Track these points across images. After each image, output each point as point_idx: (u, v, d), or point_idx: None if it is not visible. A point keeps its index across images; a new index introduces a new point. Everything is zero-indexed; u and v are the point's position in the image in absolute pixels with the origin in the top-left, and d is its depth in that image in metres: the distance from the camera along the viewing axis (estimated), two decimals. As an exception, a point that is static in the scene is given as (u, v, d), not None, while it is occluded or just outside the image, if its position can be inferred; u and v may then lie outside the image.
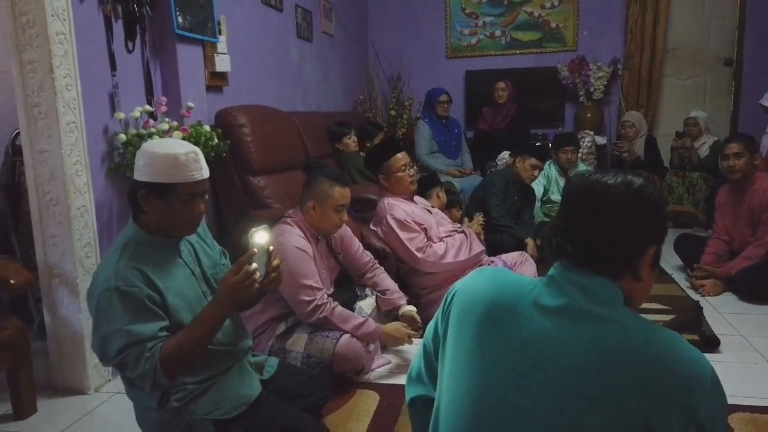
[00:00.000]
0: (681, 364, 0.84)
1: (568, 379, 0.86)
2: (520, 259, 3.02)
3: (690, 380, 0.82)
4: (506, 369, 0.91)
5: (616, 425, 0.82)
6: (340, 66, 5.04)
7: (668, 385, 0.82)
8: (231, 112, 2.88)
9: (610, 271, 0.92)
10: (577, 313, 0.90)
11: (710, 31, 5.41)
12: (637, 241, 0.92)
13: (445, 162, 4.76)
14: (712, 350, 2.43)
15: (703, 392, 0.82)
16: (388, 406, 2.02)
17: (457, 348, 0.99)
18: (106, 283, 1.35)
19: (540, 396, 0.87)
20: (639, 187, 0.92)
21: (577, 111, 5.50)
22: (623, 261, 0.92)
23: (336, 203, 2.18)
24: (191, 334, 1.39)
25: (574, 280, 0.92)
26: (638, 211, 0.91)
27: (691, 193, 4.42)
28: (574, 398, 0.85)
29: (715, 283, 3.14)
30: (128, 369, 1.35)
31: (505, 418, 0.89)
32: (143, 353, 1.33)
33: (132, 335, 1.33)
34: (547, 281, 0.95)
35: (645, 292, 0.97)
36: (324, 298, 2.13)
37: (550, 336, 0.89)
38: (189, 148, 1.43)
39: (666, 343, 0.86)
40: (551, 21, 5.57)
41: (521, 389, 0.89)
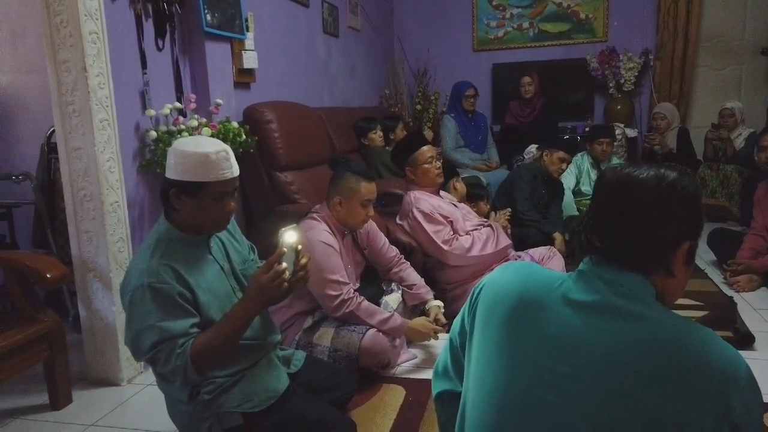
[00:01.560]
0: (715, 362, 0.82)
1: (595, 373, 0.85)
2: (548, 254, 2.99)
3: (724, 378, 0.81)
4: (532, 364, 0.90)
5: (644, 421, 0.81)
6: (366, 61, 5.04)
7: (702, 382, 0.81)
8: (258, 109, 2.91)
9: (641, 267, 0.90)
10: (607, 308, 0.88)
11: (746, 20, 5.24)
12: (671, 236, 0.89)
13: (471, 156, 4.73)
14: (747, 347, 2.37)
15: (737, 391, 0.80)
16: (414, 400, 2.02)
17: (484, 343, 0.99)
18: (139, 280, 1.38)
19: (566, 390, 0.86)
20: (673, 180, 0.90)
21: (606, 103, 5.39)
22: (655, 257, 0.89)
23: (362, 198, 2.19)
24: (221, 331, 1.41)
25: (604, 276, 0.90)
26: (671, 205, 0.89)
27: (725, 186, 4.30)
28: (600, 393, 0.84)
29: (750, 279, 3.06)
30: (159, 364, 1.37)
31: (531, 413, 0.89)
32: (174, 349, 1.35)
33: (164, 332, 1.35)
34: (577, 276, 0.94)
35: (679, 288, 0.95)
36: (350, 292, 2.14)
37: (578, 331, 0.88)
38: (219, 147, 1.44)
39: (700, 340, 0.85)
40: (580, 12, 5.47)
41: (547, 384, 0.88)
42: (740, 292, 3.01)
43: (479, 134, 4.84)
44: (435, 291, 2.64)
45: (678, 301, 2.88)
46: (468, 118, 4.80)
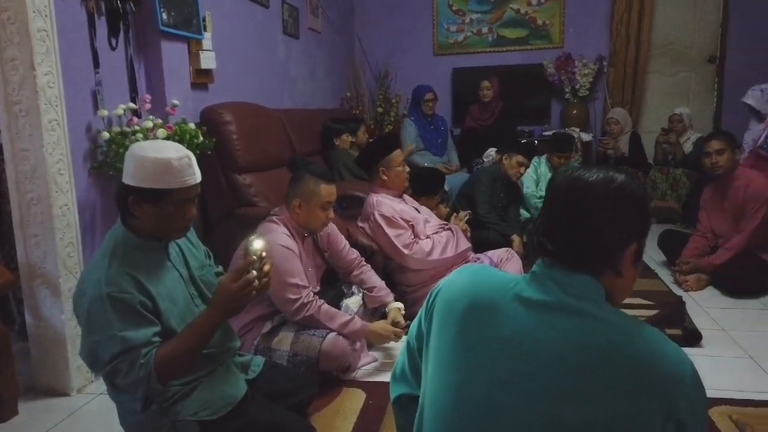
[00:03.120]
0: (662, 362, 0.85)
1: (549, 374, 0.86)
2: (506, 255, 3.04)
3: (671, 377, 0.83)
4: (489, 365, 0.92)
5: (596, 421, 0.83)
6: (327, 63, 5.02)
7: (649, 382, 0.83)
8: (216, 110, 2.86)
9: (591, 268, 0.92)
10: (560, 308, 0.90)
11: (694, 29, 5.47)
12: (619, 237, 0.92)
13: (431, 159, 4.77)
14: (695, 344, 2.46)
15: (683, 390, 0.83)
16: (374, 404, 2.02)
17: (440, 346, 0.99)
18: (97, 290, 1.32)
19: (521, 392, 0.88)
20: (621, 183, 0.92)
21: (563, 108, 5.53)
22: (605, 258, 0.92)
23: (322, 201, 2.18)
24: (186, 340, 1.38)
25: (555, 278, 0.92)
26: (619, 208, 0.91)
27: (675, 189, 4.47)
28: (554, 393, 0.85)
29: (698, 278, 3.18)
30: (120, 375, 1.32)
31: (487, 415, 0.90)
32: (137, 360, 1.31)
33: (126, 342, 1.30)
34: (530, 278, 0.96)
35: (627, 288, 0.97)
36: (310, 296, 2.13)
37: (531, 331, 0.90)
38: (182, 153, 1.40)
39: (647, 340, 0.87)
40: (537, 18, 5.60)
41: (503, 386, 0.89)
42: (689, 291, 3.13)
43: (439, 137, 4.89)
44: (395, 293, 2.65)
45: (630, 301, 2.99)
46: (428, 121, 4.85)
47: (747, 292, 3.03)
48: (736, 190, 3.11)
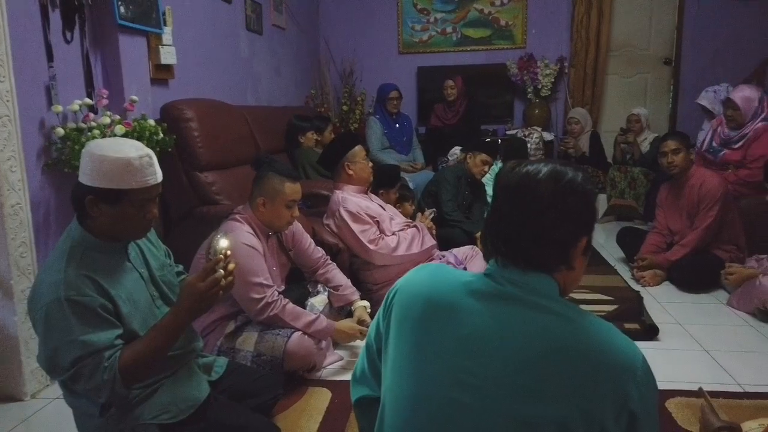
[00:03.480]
0: (614, 354, 0.86)
1: (507, 372, 0.87)
2: (471, 253, 3.07)
3: (623, 370, 0.85)
4: (447, 366, 0.91)
5: (553, 416, 0.84)
6: (292, 60, 4.98)
7: (602, 374, 0.84)
8: (177, 106, 2.80)
9: (545, 266, 0.93)
10: (514, 302, 0.91)
11: (651, 31, 5.63)
12: (570, 233, 0.93)
13: (396, 157, 4.78)
14: (652, 338, 2.54)
15: (634, 381, 0.85)
16: (339, 403, 2.01)
17: (399, 347, 0.99)
18: (55, 293, 1.27)
19: (480, 390, 0.88)
20: (569, 179, 0.92)
21: (525, 107, 5.61)
22: (558, 255, 0.93)
23: (287, 199, 2.15)
24: (151, 342, 1.34)
25: (510, 278, 0.93)
26: (569, 204, 0.92)
27: (633, 187, 4.59)
28: (513, 391, 0.86)
29: (654, 274, 3.27)
30: (83, 380, 1.28)
31: (448, 415, 0.90)
32: (100, 363, 1.27)
33: (87, 346, 1.26)
34: (486, 277, 0.96)
35: (577, 279, 0.99)
36: (274, 295, 2.11)
37: (489, 330, 0.90)
38: (143, 151, 1.35)
39: (600, 334, 0.89)
40: (501, 18, 5.67)
41: (462, 385, 0.89)
42: (646, 287, 3.22)
43: (404, 135, 4.91)
44: (361, 292, 2.65)
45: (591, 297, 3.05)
46: (393, 119, 4.86)
47: (701, 287, 3.13)
48: (691, 188, 3.21)
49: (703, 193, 3.14)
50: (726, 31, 5.33)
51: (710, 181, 3.15)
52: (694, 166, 3.26)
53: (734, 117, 3.50)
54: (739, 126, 3.50)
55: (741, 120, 3.48)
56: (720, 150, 3.64)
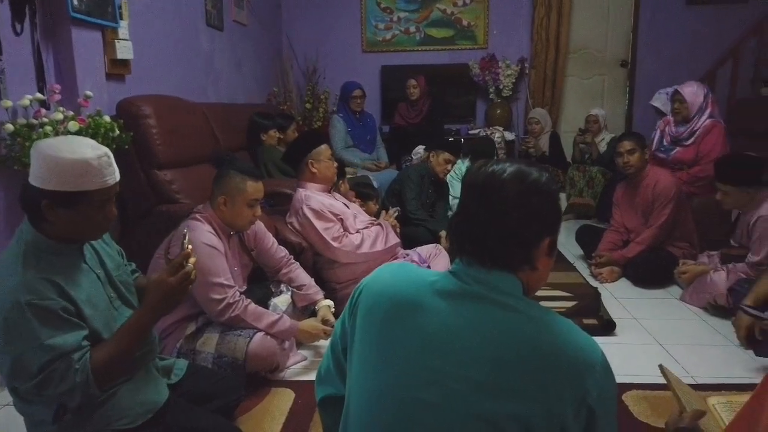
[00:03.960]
0: (575, 351, 0.88)
1: (470, 369, 0.88)
2: (435, 251, 3.09)
3: (582, 366, 0.87)
4: (412, 364, 0.92)
5: (515, 413, 0.85)
6: (253, 57, 4.91)
7: (563, 371, 0.86)
8: (134, 102, 2.72)
9: (508, 265, 0.94)
10: (479, 300, 0.92)
11: (608, 35, 5.77)
12: (533, 233, 0.94)
13: (360, 156, 4.78)
14: (609, 333, 2.61)
15: (593, 377, 0.86)
16: (303, 403, 2.00)
17: (364, 345, 0.99)
18: (14, 298, 1.21)
19: (444, 388, 0.88)
20: (533, 180, 0.94)
21: (487, 107, 5.68)
22: (521, 255, 0.94)
23: (248, 198, 2.12)
24: (122, 341, 1.31)
25: (475, 276, 0.94)
26: (533, 204, 0.93)
27: (591, 186, 4.70)
28: (475, 388, 0.87)
29: (611, 270, 3.36)
30: (52, 385, 1.23)
31: (412, 413, 0.90)
32: (71, 366, 1.23)
33: (55, 350, 1.22)
34: (451, 275, 0.97)
35: (542, 279, 1.00)
36: (236, 296, 2.07)
37: (454, 328, 0.91)
38: (100, 150, 1.30)
39: (561, 331, 0.91)
40: (463, 19, 5.72)
41: (426, 383, 0.90)
42: (603, 283, 3.31)
43: (368, 134, 4.91)
44: (325, 291, 2.63)
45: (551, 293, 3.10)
46: (356, 118, 4.85)
47: (656, 283, 3.23)
48: (646, 187, 3.31)
49: (658, 192, 3.24)
50: (679, 35, 5.52)
51: (664, 180, 3.25)
52: (648, 165, 3.36)
53: (680, 110, 3.67)
54: (686, 119, 3.66)
55: (686, 113, 3.64)
56: (672, 148, 3.77)
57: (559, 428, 0.84)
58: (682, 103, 3.67)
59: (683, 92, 3.67)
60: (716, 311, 2.81)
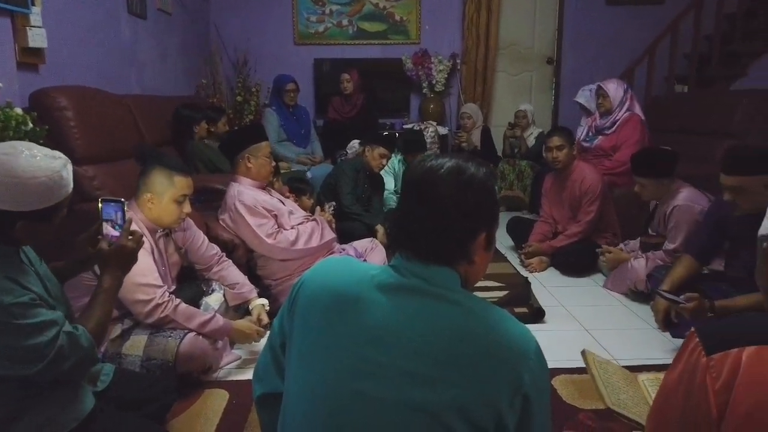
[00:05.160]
0: (509, 340, 0.90)
1: (411, 360, 0.89)
2: (371, 245, 3.09)
3: (517, 355, 0.89)
4: (350, 357, 0.92)
5: (453, 402, 0.86)
6: (180, 47, 4.72)
7: (498, 360, 0.88)
8: (49, 94, 2.55)
9: (446, 259, 0.96)
10: (418, 293, 0.93)
11: (534, 32, 5.96)
12: (469, 228, 0.96)
13: (294, 150, 4.72)
14: (539, 321, 2.71)
15: (527, 365, 0.89)
16: (238, 403, 1.96)
17: (304, 339, 0.98)
18: None
19: (382, 380, 0.89)
20: (470, 175, 0.95)
21: (421, 102, 5.74)
22: (458, 249, 0.96)
23: (176, 194, 2.04)
24: (104, 305, 1.40)
25: (413, 270, 0.95)
26: (469, 200, 0.94)
27: (520, 179, 4.86)
28: (413, 379, 0.88)
29: (540, 260, 3.49)
30: (66, 358, 1.23)
31: (350, 405, 0.90)
32: (74, 335, 1.26)
33: (53, 322, 1.22)
34: (390, 269, 0.98)
35: (480, 273, 1.03)
36: (165, 295, 1.99)
37: (392, 319, 0.92)
38: (63, 159, 1.31)
39: (496, 321, 0.93)
40: (395, 13, 5.74)
41: (367, 376, 0.90)
42: (533, 273, 3.43)
43: (301, 128, 4.84)
44: (259, 288, 2.58)
45: (483, 284, 3.18)
46: (290, 112, 4.78)
47: (581, 272, 3.39)
48: (573, 182, 3.46)
49: (585, 189, 3.39)
50: (600, 34, 5.78)
51: (590, 177, 3.40)
52: (576, 161, 3.51)
53: (604, 104, 3.98)
54: (608, 112, 3.96)
55: (609, 106, 3.94)
56: (595, 138, 4.04)
57: (496, 416, 0.86)
58: (605, 98, 3.96)
59: (606, 88, 3.97)
60: (636, 297, 2.98)
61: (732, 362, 0.86)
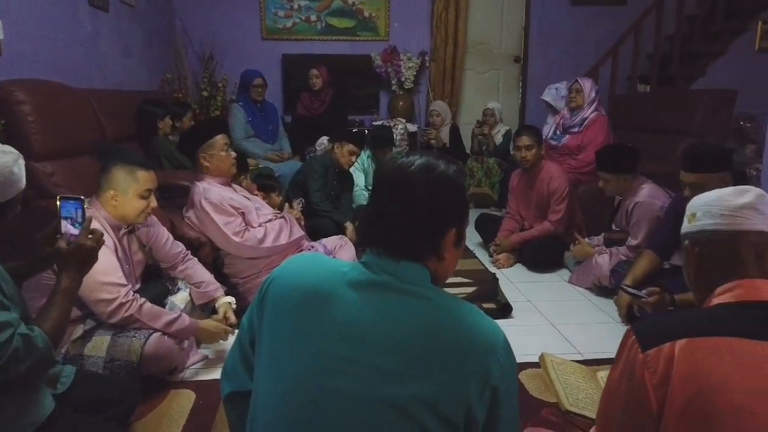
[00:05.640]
0: (478, 335, 0.92)
1: (381, 356, 0.89)
2: (340, 243, 3.08)
3: (486, 349, 0.91)
4: (323, 354, 0.92)
5: (424, 395, 0.87)
6: (143, 40, 4.61)
7: (467, 354, 0.89)
8: (6, 87, 2.46)
9: (416, 255, 0.96)
10: (390, 289, 0.94)
11: (502, 31, 6.02)
12: (439, 225, 0.97)
13: (262, 147, 4.66)
14: (506, 316, 2.74)
15: (495, 359, 0.90)
16: (204, 403, 1.93)
17: (274, 336, 0.98)
18: None
19: (353, 376, 0.89)
20: (440, 172, 0.97)
21: (390, 99, 5.75)
22: (428, 246, 0.97)
23: (140, 189, 1.99)
24: (61, 306, 1.34)
25: (384, 266, 0.96)
26: (439, 197, 0.96)
27: (488, 176, 4.91)
28: (385, 374, 0.88)
29: (508, 257, 3.54)
30: (21, 361, 1.18)
31: (320, 402, 0.90)
32: (29, 336, 1.20)
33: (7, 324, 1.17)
34: (360, 266, 0.98)
35: (450, 269, 1.04)
36: (129, 295, 1.94)
37: (363, 315, 0.92)
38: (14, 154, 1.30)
39: (466, 316, 0.94)
40: (364, 10, 5.72)
41: (335, 372, 0.90)
42: (501, 269, 3.47)
43: (269, 124, 4.78)
44: (227, 286, 2.55)
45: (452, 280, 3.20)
46: (257, 107, 4.71)
47: (547, 267, 3.44)
48: (541, 182, 3.50)
49: (552, 189, 3.44)
50: (565, 33, 5.87)
51: (558, 177, 3.45)
52: (543, 160, 3.56)
53: (576, 98, 4.03)
54: (578, 107, 4.02)
55: (581, 102, 4.01)
56: (562, 136, 4.10)
57: (465, 409, 0.88)
58: (579, 93, 4.02)
59: (582, 83, 4.04)
60: (600, 291, 3.04)
61: (666, 356, 0.90)
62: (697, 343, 0.90)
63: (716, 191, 1.10)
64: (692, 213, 1.11)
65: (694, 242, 1.09)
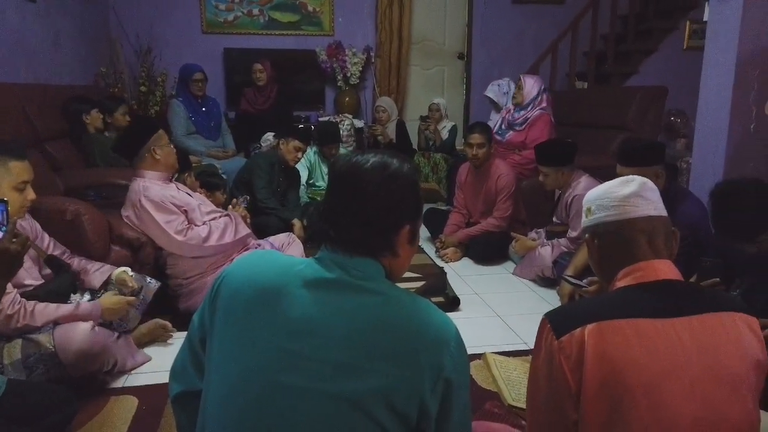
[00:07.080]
0: (430, 329, 0.93)
1: (334, 351, 0.89)
2: (288, 240, 3.03)
3: (438, 343, 0.92)
4: (274, 350, 0.91)
5: (377, 390, 0.87)
6: (75, 33, 4.39)
7: (420, 347, 0.90)
8: None
9: (370, 251, 0.97)
10: (342, 286, 0.94)
11: (446, 27, 6.09)
12: (393, 222, 0.98)
13: (205, 144, 4.53)
14: (455, 309, 2.78)
15: (448, 352, 0.92)
16: (148, 408, 1.86)
17: (226, 335, 0.97)
18: None
19: (305, 372, 0.89)
20: (394, 169, 0.98)
21: (336, 95, 5.71)
22: (382, 242, 0.98)
23: (15, 181, 1.83)
24: None
25: (338, 262, 0.96)
26: (393, 193, 0.97)
27: (435, 171, 4.96)
28: (338, 370, 0.88)
29: (455, 251, 3.59)
30: None
31: (274, 397, 0.89)
32: None
33: None
34: (315, 261, 0.98)
35: (404, 265, 1.05)
36: (15, 305, 1.80)
37: (316, 311, 0.92)
38: None
39: (418, 310, 0.95)
40: (308, 4, 5.66)
41: (289, 368, 0.90)
42: (448, 263, 3.52)
43: (211, 120, 4.65)
44: (170, 288, 2.47)
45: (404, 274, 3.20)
46: (198, 103, 4.57)
47: (493, 260, 3.52)
48: (491, 179, 3.56)
49: (500, 186, 3.51)
50: (507, 31, 6.00)
51: (506, 175, 3.52)
52: (493, 158, 3.62)
53: (517, 96, 4.16)
54: (520, 105, 4.12)
55: (521, 99, 4.10)
56: (507, 131, 4.19)
57: (419, 402, 0.89)
58: (519, 90, 4.13)
59: (524, 80, 4.14)
60: (544, 282, 3.13)
61: (577, 341, 0.97)
62: (604, 326, 0.97)
63: (604, 185, 1.17)
64: (587, 207, 1.18)
65: (593, 235, 1.16)
